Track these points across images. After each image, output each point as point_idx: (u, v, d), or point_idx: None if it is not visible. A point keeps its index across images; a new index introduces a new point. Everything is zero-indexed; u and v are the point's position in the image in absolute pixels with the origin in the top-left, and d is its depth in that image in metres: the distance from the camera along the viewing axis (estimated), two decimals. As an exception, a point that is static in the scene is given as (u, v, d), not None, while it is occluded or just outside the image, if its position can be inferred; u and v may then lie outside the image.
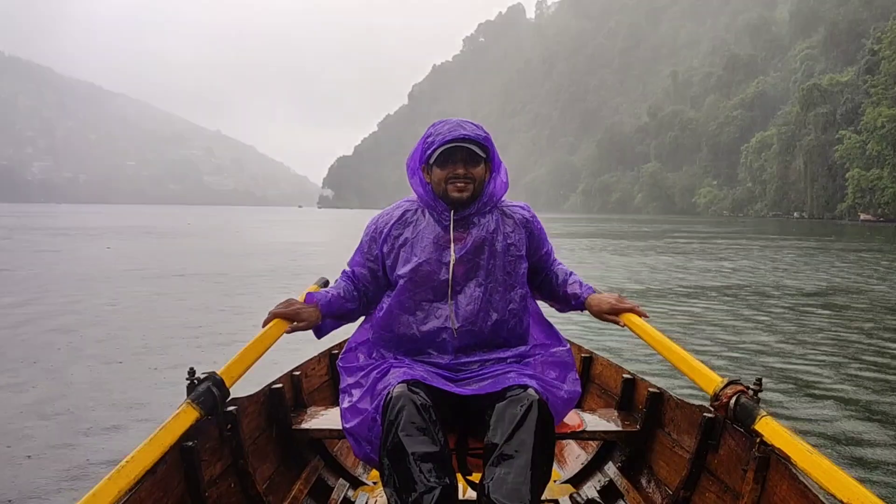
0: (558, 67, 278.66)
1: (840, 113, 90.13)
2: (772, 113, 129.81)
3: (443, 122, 2.36)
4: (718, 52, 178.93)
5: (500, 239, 2.38)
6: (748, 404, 2.04)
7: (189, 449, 1.99)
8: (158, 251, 23.07)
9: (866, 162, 75.74)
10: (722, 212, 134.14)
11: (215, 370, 2.16)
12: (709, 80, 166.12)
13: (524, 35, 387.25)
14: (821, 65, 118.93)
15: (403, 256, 2.38)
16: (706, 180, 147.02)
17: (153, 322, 8.93)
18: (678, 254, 23.21)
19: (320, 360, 3.48)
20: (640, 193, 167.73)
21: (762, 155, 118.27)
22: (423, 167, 2.40)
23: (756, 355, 7.18)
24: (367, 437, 2.14)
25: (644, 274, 16.10)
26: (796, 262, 20.01)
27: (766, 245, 29.49)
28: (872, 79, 78.47)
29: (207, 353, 6.99)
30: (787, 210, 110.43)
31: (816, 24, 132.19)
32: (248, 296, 11.66)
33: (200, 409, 2.01)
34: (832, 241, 34.14)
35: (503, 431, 1.96)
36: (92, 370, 6.28)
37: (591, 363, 3.54)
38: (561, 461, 3.22)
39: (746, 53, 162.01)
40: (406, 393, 2.02)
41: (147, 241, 29.21)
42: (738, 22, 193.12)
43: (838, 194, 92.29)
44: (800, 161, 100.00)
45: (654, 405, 2.71)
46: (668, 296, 12.18)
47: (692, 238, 35.58)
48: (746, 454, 2.06)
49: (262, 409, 2.62)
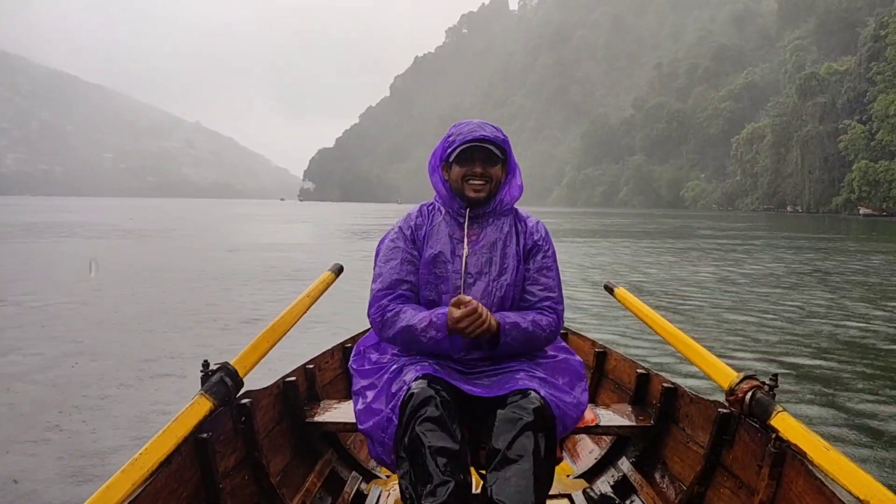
0: (542, 59, 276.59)
1: (841, 102, 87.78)
2: (761, 104, 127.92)
3: (464, 122, 2.46)
4: (704, 43, 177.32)
5: (513, 241, 2.46)
6: (764, 399, 2.06)
7: (203, 441, 2.00)
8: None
9: (872, 153, 72.86)
10: (711, 205, 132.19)
11: (228, 360, 2.21)
12: (695, 71, 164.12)
13: (508, 27, 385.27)
14: (812, 55, 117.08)
15: (425, 247, 2.46)
16: (693, 173, 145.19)
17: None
18: (721, 259, 19.98)
19: (334, 354, 3.44)
20: (625, 187, 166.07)
21: (754, 147, 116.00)
22: (442, 165, 2.48)
23: (770, 349, 7.03)
24: (381, 438, 2.16)
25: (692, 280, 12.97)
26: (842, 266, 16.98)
27: (798, 246, 26.41)
28: (878, 66, 75.75)
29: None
30: (779, 204, 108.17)
31: (806, 13, 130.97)
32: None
33: (213, 399, 2.04)
34: (865, 239, 31.20)
35: (505, 437, 2.01)
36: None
37: (605, 358, 3.51)
38: (574, 456, 3.24)
39: (734, 44, 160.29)
40: (426, 388, 2.07)
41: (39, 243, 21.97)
42: (722, 13, 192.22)
43: (835, 187, 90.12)
44: (796, 152, 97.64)
45: (669, 400, 2.69)
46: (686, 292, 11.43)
47: (709, 237, 32.37)
48: (762, 450, 2.06)
49: (275, 401, 2.62)
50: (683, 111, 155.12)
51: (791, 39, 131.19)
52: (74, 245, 21.22)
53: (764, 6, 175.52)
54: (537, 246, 2.49)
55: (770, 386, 2.11)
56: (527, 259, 2.48)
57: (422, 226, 2.49)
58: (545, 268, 2.49)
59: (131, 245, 21.86)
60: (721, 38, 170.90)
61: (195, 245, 22.58)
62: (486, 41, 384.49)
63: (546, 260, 2.50)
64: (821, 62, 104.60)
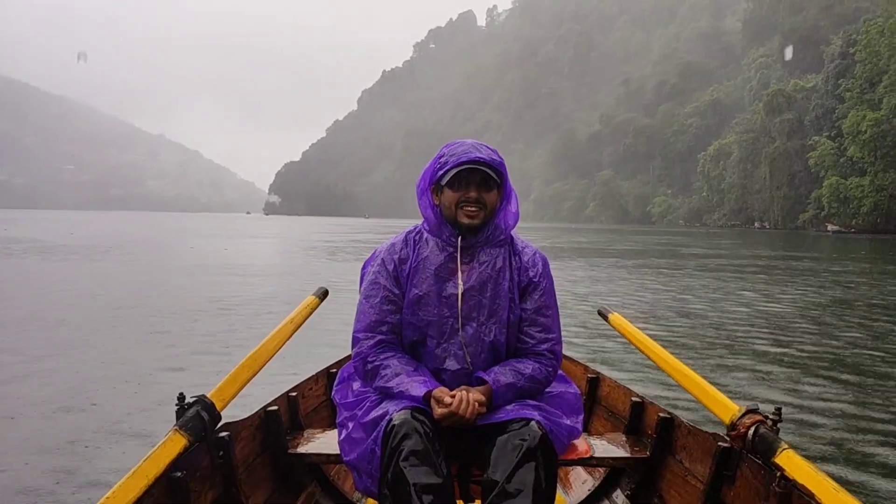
0: (509, 74, 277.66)
1: (809, 119, 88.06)
2: (727, 121, 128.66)
3: (457, 143, 2.28)
4: (670, 60, 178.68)
5: (507, 277, 2.28)
6: (768, 436, 1.99)
7: (177, 480, 1.90)
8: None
9: (841, 170, 72.83)
10: (678, 221, 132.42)
11: (206, 392, 2.12)
12: (662, 88, 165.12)
13: (475, 42, 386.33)
14: (777, 72, 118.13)
15: (409, 285, 2.28)
16: (660, 189, 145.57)
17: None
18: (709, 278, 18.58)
19: (318, 380, 3.28)
20: (593, 202, 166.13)
21: (720, 163, 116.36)
22: (432, 188, 2.30)
23: (770, 380, 6.57)
24: (368, 469, 2.07)
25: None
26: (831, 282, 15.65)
27: (775, 264, 25.22)
28: (847, 83, 75.94)
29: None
30: (747, 220, 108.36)
31: (770, 32, 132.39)
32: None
33: (188, 435, 1.96)
34: (856, 258, 30.20)
35: (504, 469, 1.89)
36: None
37: (598, 384, 3.37)
38: (567, 486, 3.13)
39: (700, 61, 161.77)
40: (409, 420, 1.96)
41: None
42: (688, 31, 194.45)
43: (801, 204, 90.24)
44: (764, 169, 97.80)
45: (665, 431, 2.61)
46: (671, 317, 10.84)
47: (697, 257, 31.08)
48: (765, 489, 1.98)
49: (256, 432, 2.51)
50: (651, 127, 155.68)
51: (755, 57, 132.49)
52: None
53: (728, 24, 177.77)
54: (533, 283, 2.31)
55: (773, 420, 2.04)
56: (522, 296, 2.30)
57: (406, 259, 2.29)
58: (543, 307, 2.32)
59: (47, 266, 18.61)
60: (687, 56, 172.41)
61: (131, 266, 19.73)
62: (454, 56, 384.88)
63: (544, 298, 2.33)
64: (785, 80, 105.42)
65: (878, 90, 67.83)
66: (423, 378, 2.13)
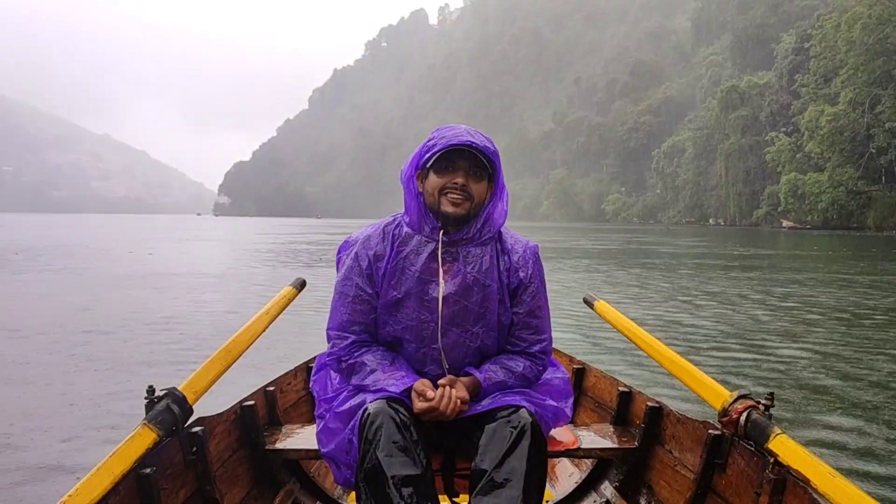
0: (462, 73, 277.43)
1: (765, 115, 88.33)
2: (680, 118, 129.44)
3: (449, 126, 2.08)
4: (621, 58, 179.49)
5: (494, 278, 2.11)
6: (761, 421, 1.94)
7: (146, 476, 1.80)
8: None
9: (798, 165, 72.88)
10: (632, 219, 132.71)
11: (177, 385, 2.04)
12: (614, 86, 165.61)
13: (427, 40, 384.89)
14: (727, 70, 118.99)
15: (385, 286, 2.12)
16: (614, 187, 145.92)
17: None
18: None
19: (297, 375, 3.20)
20: (547, 200, 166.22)
21: (674, 160, 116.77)
22: (418, 174, 2.11)
23: (764, 367, 6.61)
24: (346, 460, 1.99)
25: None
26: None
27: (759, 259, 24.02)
28: (802, 78, 75.99)
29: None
30: (701, 217, 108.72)
31: (719, 31, 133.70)
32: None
33: (158, 429, 1.87)
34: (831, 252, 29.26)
35: (492, 457, 1.81)
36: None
37: (584, 375, 3.31)
38: (553, 479, 3.05)
39: (651, 59, 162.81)
40: (385, 409, 1.87)
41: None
42: (638, 30, 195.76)
43: (756, 200, 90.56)
44: (719, 165, 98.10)
45: (654, 420, 2.54)
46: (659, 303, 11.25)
47: (669, 255, 29.82)
48: (759, 475, 1.93)
49: (232, 428, 2.42)
50: (603, 125, 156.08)
51: (706, 55, 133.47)
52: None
53: (678, 24, 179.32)
54: (524, 286, 2.15)
55: (766, 405, 1.98)
56: (513, 299, 2.15)
57: (382, 256, 2.11)
58: (535, 308, 2.18)
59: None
60: (638, 54, 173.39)
61: (40, 276, 17.23)
62: (406, 55, 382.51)
63: (536, 299, 2.18)
64: (736, 77, 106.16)
65: (836, 84, 67.72)
66: (401, 373, 2.03)
